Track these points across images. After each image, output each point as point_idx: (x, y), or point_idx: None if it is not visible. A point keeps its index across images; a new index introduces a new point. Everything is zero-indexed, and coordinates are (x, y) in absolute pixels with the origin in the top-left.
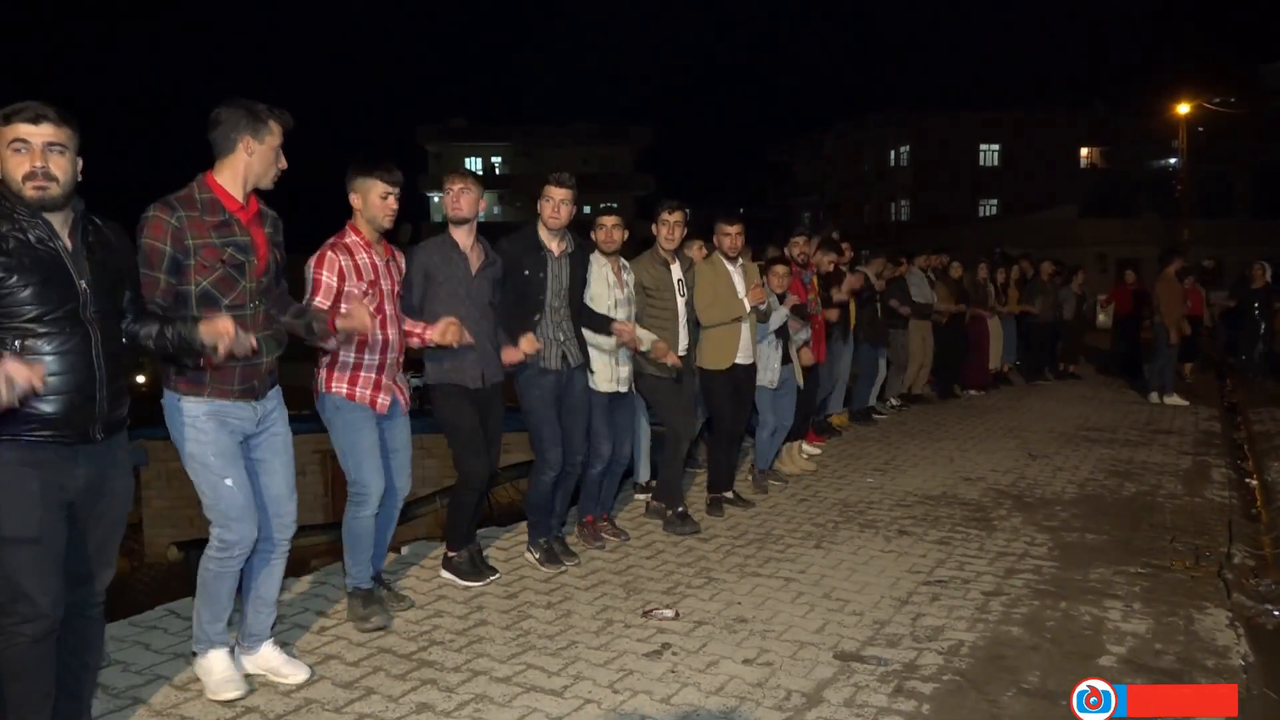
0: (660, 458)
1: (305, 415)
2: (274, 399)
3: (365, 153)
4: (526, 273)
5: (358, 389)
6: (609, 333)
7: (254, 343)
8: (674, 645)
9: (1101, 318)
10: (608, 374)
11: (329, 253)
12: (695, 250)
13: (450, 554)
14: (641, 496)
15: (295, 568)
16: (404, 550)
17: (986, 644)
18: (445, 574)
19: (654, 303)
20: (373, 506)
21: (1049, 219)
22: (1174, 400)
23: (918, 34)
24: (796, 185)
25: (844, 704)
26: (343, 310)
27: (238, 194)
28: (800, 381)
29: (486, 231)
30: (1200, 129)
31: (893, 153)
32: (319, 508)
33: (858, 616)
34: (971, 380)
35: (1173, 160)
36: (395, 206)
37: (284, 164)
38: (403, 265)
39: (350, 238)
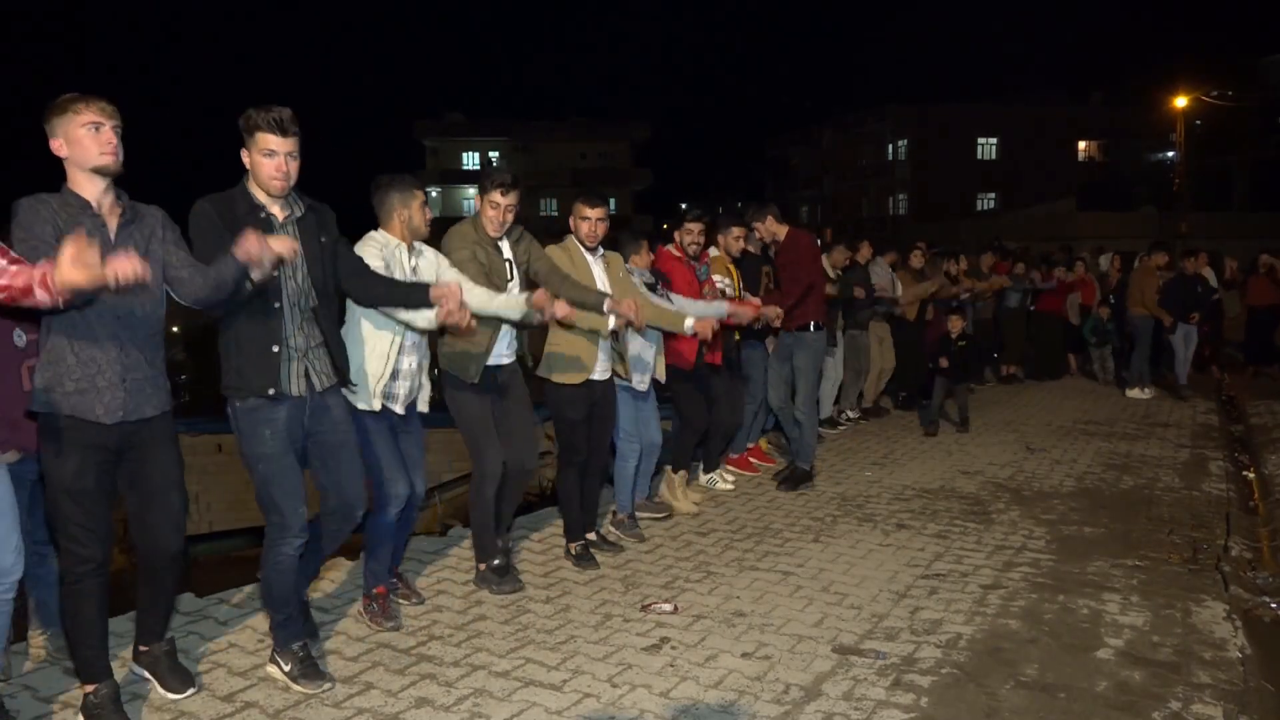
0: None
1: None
2: None
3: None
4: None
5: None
6: (428, 304)
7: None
8: (673, 639)
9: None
10: (406, 388)
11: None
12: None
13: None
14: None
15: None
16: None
17: (984, 637)
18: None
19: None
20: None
21: (1047, 212)
22: (1135, 393)
23: (915, 27)
24: (795, 179)
25: (842, 697)
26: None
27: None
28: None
29: None
30: (1198, 122)
31: (890, 146)
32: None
33: (856, 610)
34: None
35: (1170, 153)
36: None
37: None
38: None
39: None
